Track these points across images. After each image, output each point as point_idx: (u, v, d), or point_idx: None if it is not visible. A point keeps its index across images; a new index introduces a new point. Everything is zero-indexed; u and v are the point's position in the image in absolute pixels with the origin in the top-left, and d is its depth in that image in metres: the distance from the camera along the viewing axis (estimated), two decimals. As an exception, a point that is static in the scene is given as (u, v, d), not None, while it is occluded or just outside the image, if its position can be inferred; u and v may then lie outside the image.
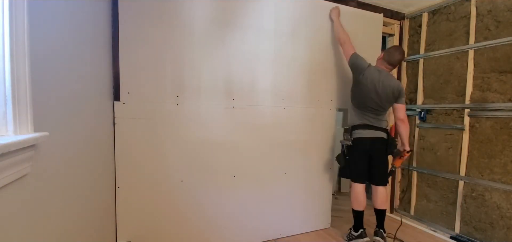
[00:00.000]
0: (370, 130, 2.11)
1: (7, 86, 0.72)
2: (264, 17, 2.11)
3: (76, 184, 1.16)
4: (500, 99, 2.10)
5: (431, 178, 2.59)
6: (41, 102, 0.85)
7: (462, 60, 2.34)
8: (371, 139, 2.11)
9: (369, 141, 2.11)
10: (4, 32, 0.71)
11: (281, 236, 2.33)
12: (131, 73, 1.75)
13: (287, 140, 2.29)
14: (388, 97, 2.06)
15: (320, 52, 2.36)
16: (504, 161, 2.08)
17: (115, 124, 1.73)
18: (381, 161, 2.16)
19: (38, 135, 0.78)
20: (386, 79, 2.05)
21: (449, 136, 2.44)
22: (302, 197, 2.40)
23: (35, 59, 0.81)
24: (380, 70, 2.08)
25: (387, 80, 2.05)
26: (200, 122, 1.96)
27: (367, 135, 2.11)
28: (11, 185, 0.71)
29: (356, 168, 2.16)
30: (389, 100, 2.08)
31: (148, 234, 1.88)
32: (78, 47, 1.20)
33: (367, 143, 2.11)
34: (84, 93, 1.27)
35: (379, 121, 2.13)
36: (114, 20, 1.69)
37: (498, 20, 2.11)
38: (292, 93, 2.27)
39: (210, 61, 1.96)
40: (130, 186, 1.80)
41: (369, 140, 2.11)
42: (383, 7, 2.65)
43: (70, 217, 1.10)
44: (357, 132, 2.14)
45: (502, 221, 2.09)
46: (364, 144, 2.11)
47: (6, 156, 0.66)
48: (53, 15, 0.98)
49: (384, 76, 2.05)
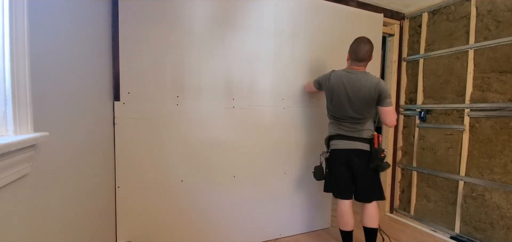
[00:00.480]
0: (345, 141, 1.87)
1: (7, 86, 0.72)
2: (264, 17, 2.11)
3: (76, 184, 1.16)
4: (500, 99, 2.10)
5: (431, 178, 2.59)
6: (41, 102, 0.85)
7: (462, 60, 2.34)
8: (346, 151, 1.86)
9: (345, 153, 1.86)
10: (4, 32, 0.71)
11: (281, 236, 2.33)
12: (131, 73, 1.75)
13: (287, 139, 2.29)
14: (364, 100, 1.78)
15: (320, 52, 2.36)
16: (504, 161, 2.08)
17: (115, 124, 1.73)
18: (363, 176, 1.87)
19: (38, 135, 0.78)
20: (359, 80, 1.79)
21: (449, 136, 2.44)
22: (302, 197, 2.40)
23: (35, 59, 0.81)
24: (350, 72, 1.84)
25: (360, 80, 1.79)
26: (200, 122, 1.96)
27: (342, 146, 1.88)
28: (11, 185, 0.71)
29: (336, 182, 1.93)
30: (367, 103, 1.80)
31: (148, 234, 1.88)
32: (78, 47, 1.20)
33: (343, 155, 1.87)
34: (84, 93, 1.27)
35: (357, 130, 1.85)
36: (114, 20, 1.69)
37: (498, 20, 2.11)
38: (292, 93, 2.27)
39: (210, 61, 1.96)
40: (130, 186, 1.80)
41: (345, 152, 1.86)
42: (383, 7, 2.65)
43: (70, 217, 1.10)
44: (333, 143, 1.92)
45: (502, 221, 2.09)
46: (340, 156, 1.89)
47: (6, 156, 0.66)
48: (53, 15, 0.98)
49: (355, 77, 1.80)
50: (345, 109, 1.84)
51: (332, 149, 1.92)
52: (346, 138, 1.87)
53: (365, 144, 1.84)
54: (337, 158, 1.90)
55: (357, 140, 1.85)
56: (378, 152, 1.82)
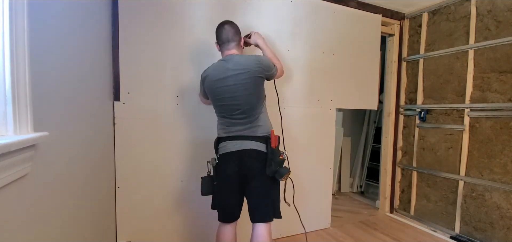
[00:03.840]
0: (236, 141, 1.49)
1: (7, 86, 0.72)
2: (264, 17, 2.11)
3: (76, 184, 1.16)
4: (500, 99, 2.10)
5: (431, 178, 2.59)
6: (41, 102, 0.85)
7: (462, 60, 2.34)
8: (239, 153, 1.47)
9: (236, 156, 1.48)
10: (4, 32, 0.71)
11: (281, 236, 2.33)
12: (131, 73, 1.75)
13: (287, 139, 2.28)
14: (248, 83, 1.45)
15: (320, 52, 2.36)
16: (504, 161, 2.08)
17: (115, 124, 1.73)
18: (257, 185, 1.49)
19: (38, 135, 0.78)
20: (235, 63, 1.47)
21: (449, 136, 2.44)
22: (302, 196, 2.40)
23: (35, 59, 0.81)
24: (223, 60, 1.53)
25: (236, 64, 1.47)
26: (200, 122, 1.96)
27: (232, 148, 1.48)
28: (11, 185, 0.71)
29: (220, 199, 1.56)
30: (253, 86, 1.47)
31: (148, 234, 1.88)
32: (78, 47, 1.20)
33: (234, 160, 1.48)
34: (84, 93, 1.27)
35: (250, 127, 1.49)
36: (114, 20, 1.69)
37: (498, 20, 2.11)
38: (292, 93, 2.27)
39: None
40: (130, 186, 1.80)
41: (237, 154, 1.47)
42: (383, 7, 2.65)
43: (70, 217, 1.10)
44: (222, 145, 1.53)
45: (502, 221, 2.09)
46: (231, 161, 1.48)
47: (6, 156, 0.66)
48: (53, 15, 0.98)
49: (230, 63, 1.48)
50: (230, 104, 1.48)
51: (221, 154, 1.53)
52: (237, 137, 1.49)
53: (260, 143, 1.48)
54: (229, 163, 1.49)
55: (250, 139, 1.48)
56: (274, 153, 1.47)
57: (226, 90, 1.47)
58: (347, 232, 2.45)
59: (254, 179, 1.49)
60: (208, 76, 1.54)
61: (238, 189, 1.52)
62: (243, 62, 1.48)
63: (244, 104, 1.48)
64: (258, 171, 1.47)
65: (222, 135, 1.55)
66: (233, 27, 1.56)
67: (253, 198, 1.53)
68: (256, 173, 1.48)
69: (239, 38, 1.58)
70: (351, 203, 3.29)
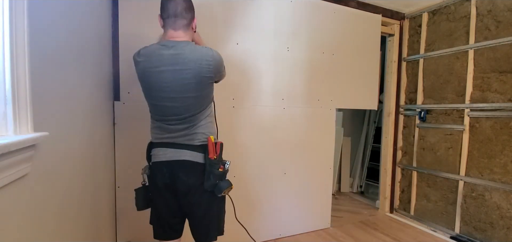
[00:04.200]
0: (168, 149, 1.23)
1: (7, 86, 0.72)
2: (264, 17, 2.11)
3: (76, 184, 1.16)
4: (500, 99, 2.10)
5: (431, 178, 2.59)
6: (41, 102, 0.85)
7: (462, 60, 2.34)
8: (170, 164, 1.23)
9: (168, 167, 1.23)
10: (4, 32, 0.71)
11: (281, 236, 2.33)
12: (131, 73, 1.74)
13: (287, 139, 2.29)
14: (190, 85, 1.16)
15: (320, 52, 2.36)
16: (504, 161, 2.08)
17: (115, 124, 1.73)
18: (195, 200, 1.25)
19: (38, 135, 0.78)
20: (179, 55, 1.14)
21: (449, 136, 2.44)
22: (302, 196, 2.40)
23: (35, 59, 0.81)
24: (164, 45, 1.17)
25: (180, 56, 1.14)
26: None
27: (163, 157, 1.23)
28: (11, 185, 0.71)
29: (157, 213, 1.34)
30: (196, 89, 1.18)
31: (148, 234, 1.87)
32: (78, 47, 1.20)
33: (165, 171, 1.24)
34: (84, 93, 1.27)
35: (186, 135, 1.23)
36: (114, 20, 1.69)
37: (498, 20, 2.11)
38: (292, 93, 2.27)
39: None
40: (130, 186, 1.80)
41: (167, 165, 1.23)
42: (383, 7, 2.65)
43: (70, 217, 1.10)
44: (153, 152, 1.28)
45: (502, 221, 2.09)
46: (161, 172, 1.25)
47: (6, 156, 0.66)
48: (53, 15, 0.98)
49: (172, 53, 1.15)
50: (164, 105, 1.20)
51: (153, 162, 1.28)
52: (169, 145, 1.23)
53: (197, 153, 1.23)
54: (158, 175, 1.26)
55: (184, 148, 1.22)
56: (213, 165, 1.21)
57: (161, 87, 1.16)
58: (347, 232, 2.45)
59: (189, 195, 1.24)
60: (147, 60, 1.17)
61: (173, 202, 1.28)
62: (189, 55, 1.14)
63: (183, 109, 1.19)
64: (194, 186, 1.22)
65: (154, 141, 1.28)
66: (187, 1, 1.20)
67: (191, 217, 1.30)
68: (191, 188, 1.23)
69: (191, 17, 1.22)
70: (351, 203, 3.29)
